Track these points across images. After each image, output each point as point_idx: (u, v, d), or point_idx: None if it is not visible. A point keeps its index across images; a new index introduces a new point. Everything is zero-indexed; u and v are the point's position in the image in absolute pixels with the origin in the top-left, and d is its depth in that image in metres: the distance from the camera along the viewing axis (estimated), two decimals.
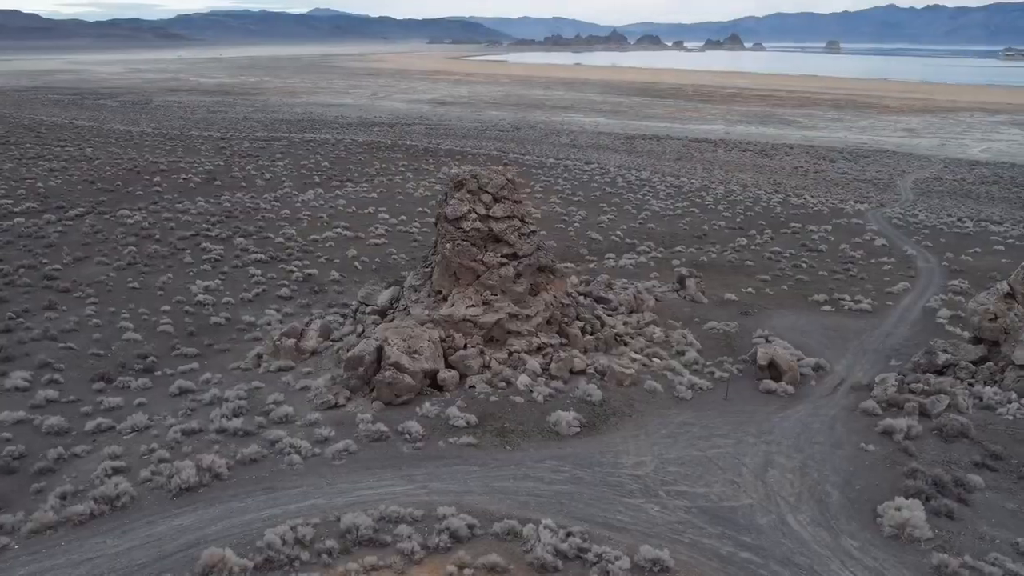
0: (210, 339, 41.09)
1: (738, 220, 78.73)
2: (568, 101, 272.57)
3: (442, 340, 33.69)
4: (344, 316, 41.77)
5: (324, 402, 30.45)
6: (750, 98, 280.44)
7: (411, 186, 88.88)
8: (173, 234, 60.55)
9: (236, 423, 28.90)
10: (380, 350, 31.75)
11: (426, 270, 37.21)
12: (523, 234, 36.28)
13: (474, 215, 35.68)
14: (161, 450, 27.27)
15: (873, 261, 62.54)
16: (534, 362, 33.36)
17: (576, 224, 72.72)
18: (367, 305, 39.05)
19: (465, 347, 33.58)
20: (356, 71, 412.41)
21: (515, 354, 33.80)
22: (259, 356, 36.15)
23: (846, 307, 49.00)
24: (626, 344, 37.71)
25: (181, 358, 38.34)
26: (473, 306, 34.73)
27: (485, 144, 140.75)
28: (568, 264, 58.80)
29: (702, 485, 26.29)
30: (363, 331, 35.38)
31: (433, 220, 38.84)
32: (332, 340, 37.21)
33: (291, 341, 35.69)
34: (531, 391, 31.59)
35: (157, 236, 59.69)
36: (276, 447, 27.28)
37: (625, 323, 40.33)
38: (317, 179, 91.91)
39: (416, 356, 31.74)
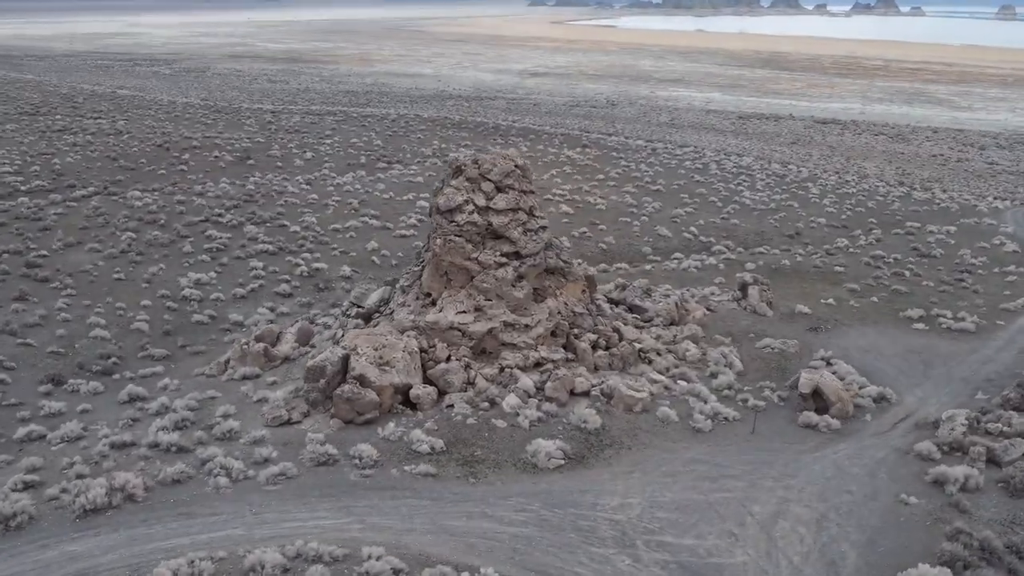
0: (186, 339, 41.89)
1: (843, 217, 76.24)
2: (680, 73, 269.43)
3: (423, 351, 33.42)
4: (336, 319, 41.93)
5: (275, 417, 30.56)
6: (897, 72, 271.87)
7: None
8: (180, 219, 62.07)
9: (172, 437, 29.24)
10: (347, 360, 31.67)
11: (416, 269, 37.01)
12: (529, 230, 35.70)
13: (471, 207, 35.28)
14: (82, 465, 27.79)
15: (996, 270, 59.53)
16: (527, 380, 32.77)
17: (645, 217, 71.59)
18: (358, 307, 39.10)
19: (448, 360, 33.21)
20: (443, 37, 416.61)
21: (507, 370, 33.28)
22: (227, 362, 36.55)
23: (943, 325, 46.68)
24: (650, 362, 36.71)
25: (147, 360, 39.21)
26: (463, 312, 34.34)
27: (568, 122, 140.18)
28: (621, 265, 58.00)
29: (692, 536, 25.31)
30: (342, 337, 35.39)
31: (427, 211, 38.63)
32: (311, 346, 37.37)
33: (260, 346, 35.98)
34: (517, 414, 31.03)
35: (162, 221, 61.28)
36: (206, 467, 27.46)
37: (657, 337, 39.29)
38: (363, 159, 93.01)
39: (386, 368, 31.56)
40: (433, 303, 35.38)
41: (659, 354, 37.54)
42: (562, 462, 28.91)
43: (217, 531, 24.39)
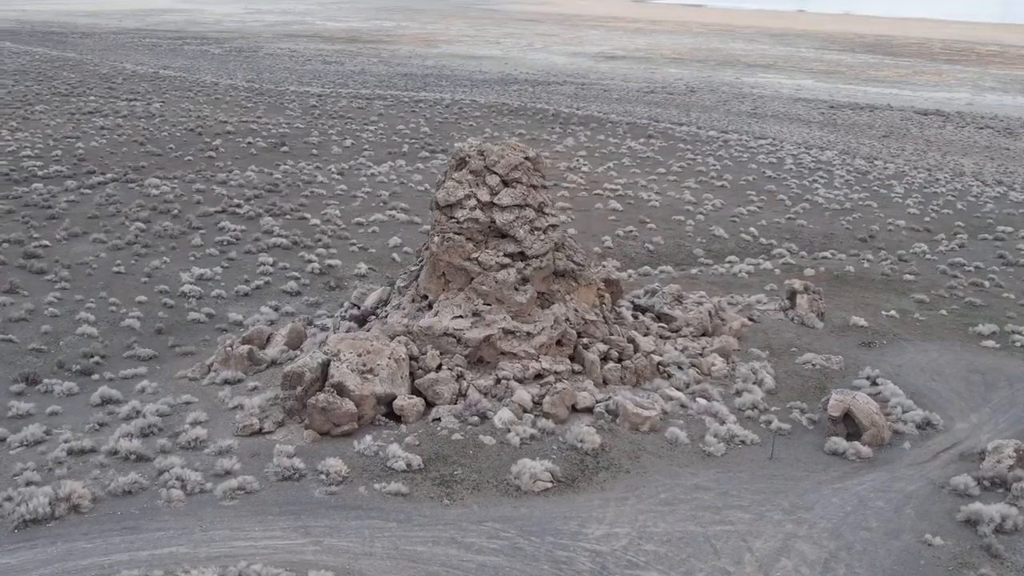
0: (177, 339, 42.35)
1: (926, 219, 74.44)
2: (772, 58, 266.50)
3: (414, 358, 33.26)
4: (335, 321, 42.01)
5: (246, 427, 30.64)
6: (1015, 58, 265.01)
7: None
8: (196, 209, 62.93)
9: (134, 445, 29.45)
10: (327, 366, 31.66)
11: (414, 268, 36.87)
12: (536, 228, 35.30)
13: (473, 202, 35.02)
14: (33, 471, 28.14)
15: None
16: (524, 393, 32.38)
17: (701, 216, 70.64)
18: (357, 307, 39.15)
19: (439, 368, 32.99)
20: (515, 16, 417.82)
21: (503, 381, 32.93)
22: (211, 364, 36.82)
23: (1018, 343, 45.13)
24: (669, 377, 36.05)
25: (131, 360, 39.69)
26: (460, 317, 34.09)
27: (638, 110, 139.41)
28: (666, 268, 57.24)
29: (680, 572, 24.68)
30: (325, 341, 35.40)
31: (429, 207, 38.47)
32: (302, 349, 37.45)
33: (244, 348, 36.15)
34: (508, 430, 30.67)
35: (176, 211, 62.18)
36: (161, 478, 27.64)
37: (683, 349, 38.58)
38: (405, 148, 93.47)
39: (369, 377, 31.45)
40: (430, 306, 35.22)
41: (680, 368, 36.85)
42: (549, 485, 28.47)
43: (160, 548, 24.47)
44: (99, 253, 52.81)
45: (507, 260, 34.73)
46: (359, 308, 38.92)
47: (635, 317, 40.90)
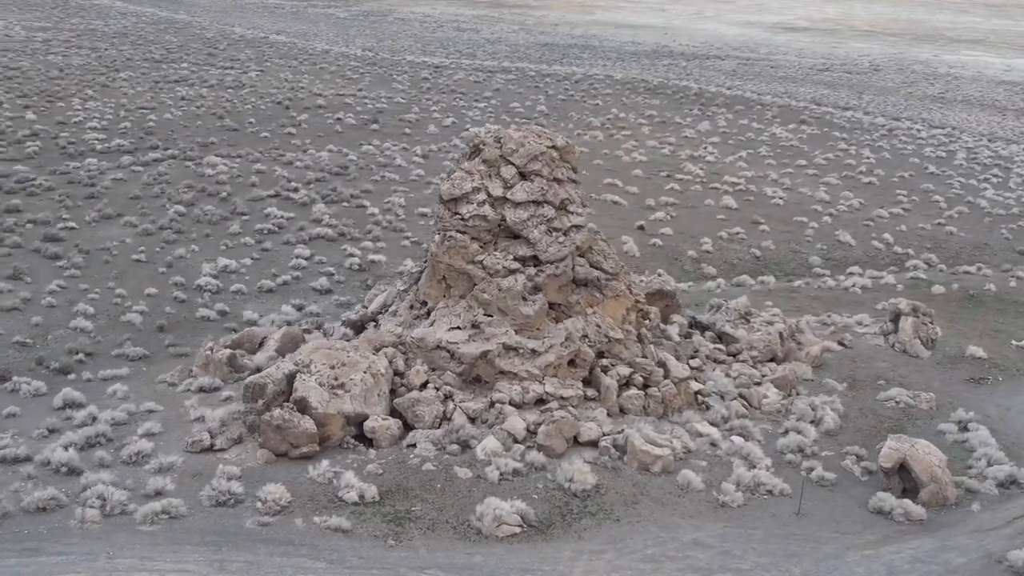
0: (177, 338, 43.16)
1: None
2: (982, 32, 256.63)
3: (399, 374, 32.93)
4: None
5: (195, 442, 30.86)
6: None
7: (630, 145, 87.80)
8: (247, 192, 64.24)
9: (68, 456, 29.97)
10: (293, 379, 31.62)
11: (415, 271, 36.52)
12: (554, 229, 34.48)
13: (482, 196, 34.45)
14: None
15: None
16: (518, 420, 31.67)
17: (828, 218, 68.30)
18: (364, 309, 39.13)
19: (424, 387, 32.57)
20: None
21: (497, 405, 32.27)
22: (190, 369, 37.32)
23: None
24: (707, 409, 34.74)
25: (119, 360, 40.59)
26: (457, 328, 33.58)
27: (801, 91, 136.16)
28: (766, 278, 55.45)
29: None
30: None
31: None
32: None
33: (224, 353, 36.47)
34: (489, 463, 30.02)
35: (224, 194, 63.60)
36: (82, 496, 28.02)
37: (736, 376, 37.13)
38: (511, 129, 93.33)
39: (339, 393, 31.26)
40: (429, 314, 34.83)
41: (723, 398, 35.46)
42: (517, 530, 27.64)
43: (56, 574, 24.80)
44: (125, 238, 54.35)
45: (516, 265, 34.04)
46: (365, 309, 38.90)
47: (687, 336, 39.61)
